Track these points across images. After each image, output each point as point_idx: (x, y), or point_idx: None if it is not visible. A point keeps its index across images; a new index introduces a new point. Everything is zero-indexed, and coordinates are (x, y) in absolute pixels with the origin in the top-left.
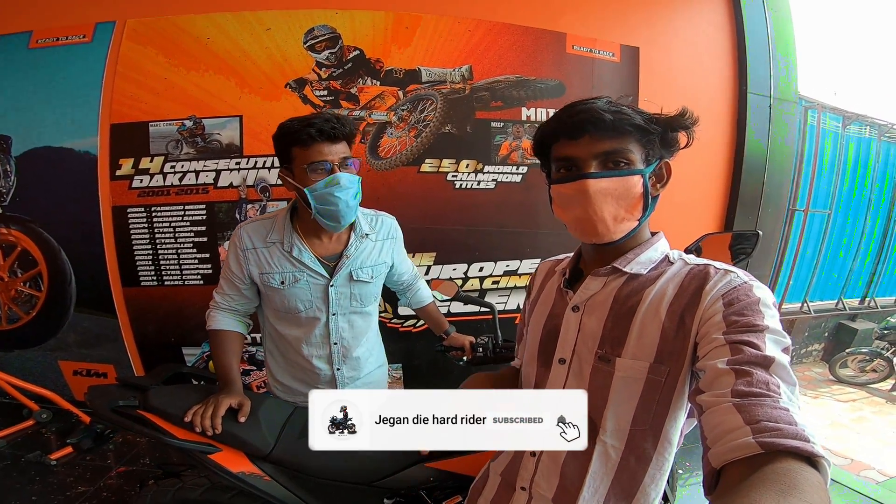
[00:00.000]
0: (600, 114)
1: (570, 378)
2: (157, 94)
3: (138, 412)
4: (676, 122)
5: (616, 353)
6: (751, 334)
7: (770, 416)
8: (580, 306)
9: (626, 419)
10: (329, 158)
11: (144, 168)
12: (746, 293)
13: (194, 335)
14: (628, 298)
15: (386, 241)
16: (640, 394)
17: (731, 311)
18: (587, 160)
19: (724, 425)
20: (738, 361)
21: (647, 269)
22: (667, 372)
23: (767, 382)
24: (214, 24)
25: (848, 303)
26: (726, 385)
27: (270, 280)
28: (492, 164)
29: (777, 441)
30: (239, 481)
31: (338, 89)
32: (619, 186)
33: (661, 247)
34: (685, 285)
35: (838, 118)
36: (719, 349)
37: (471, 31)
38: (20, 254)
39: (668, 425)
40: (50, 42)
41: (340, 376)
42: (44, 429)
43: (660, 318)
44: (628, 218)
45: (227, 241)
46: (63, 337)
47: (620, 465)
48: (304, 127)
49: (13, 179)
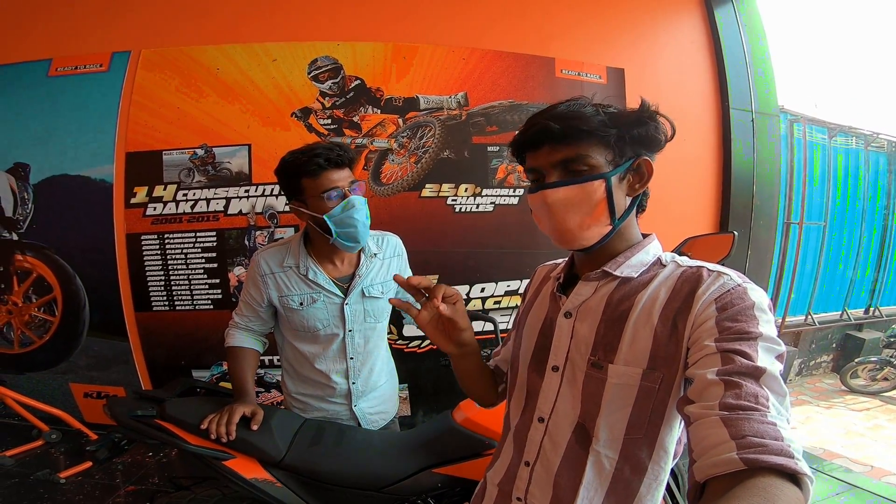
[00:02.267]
0: (548, 124)
1: (564, 386)
2: (171, 122)
3: (156, 421)
4: (635, 117)
5: (608, 360)
6: (743, 342)
7: (756, 432)
8: (573, 312)
9: (620, 428)
10: (339, 184)
11: (158, 196)
12: (741, 296)
13: (204, 358)
14: (620, 303)
15: (393, 259)
16: (634, 401)
17: (723, 315)
18: (548, 170)
19: (709, 439)
20: (728, 372)
21: (638, 273)
22: (660, 378)
23: (757, 395)
24: (224, 55)
25: (853, 313)
26: (715, 397)
27: (290, 302)
28: (490, 188)
29: (760, 458)
30: (252, 488)
31: (341, 118)
32: (578, 194)
33: (652, 249)
34: (678, 288)
35: (823, 130)
36: (710, 357)
37: (465, 59)
38: (35, 280)
39: (663, 433)
40: (69, 70)
41: (355, 389)
42: (52, 449)
43: (652, 323)
44: (594, 224)
45: (237, 267)
46: (75, 360)
47: (615, 476)
48: (311, 158)
49: (31, 207)
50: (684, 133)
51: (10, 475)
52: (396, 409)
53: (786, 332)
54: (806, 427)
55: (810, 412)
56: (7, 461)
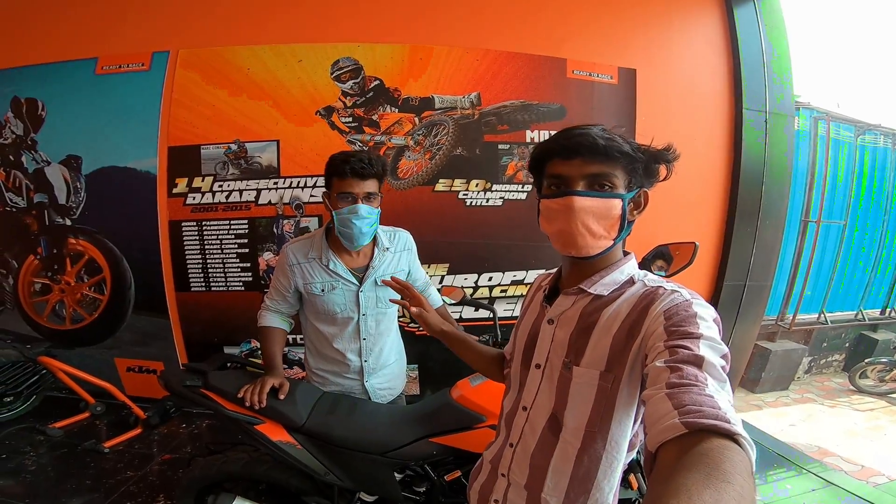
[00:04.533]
0: (594, 139)
1: (544, 381)
2: (207, 118)
3: (202, 390)
4: (660, 154)
5: (576, 362)
6: (686, 340)
7: (694, 401)
8: (554, 320)
9: (582, 421)
10: (355, 191)
11: (197, 187)
12: (685, 308)
13: (235, 336)
14: (590, 315)
15: (403, 252)
16: (594, 399)
17: (670, 323)
18: (576, 179)
19: (657, 413)
20: (673, 360)
21: (609, 291)
22: (612, 378)
23: (696, 375)
24: (254, 55)
25: (868, 313)
26: (662, 380)
27: (313, 288)
28: (499, 183)
29: (698, 420)
30: (277, 449)
31: (361, 116)
32: (602, 206)
33: (627, 269)
34: (636, 305)
35: (850, 128)
36: (660, 354)
37: (479, 60)
38: (87, 262)
39: (613, 428)
40: (114, 69)
41: (367, 367)
42: (98, 420)
43: (611, 333)
44: (605, 236)
45: (266, 252)
46: (120, 336)
47: (576, 461)
48: (343, 163)
49: (83, 195)
50: (695, 132)
51: (60, 445)
52: (403, 387)
53: (797, 329)
54: (807, 424)
55: (814, 410)
56: (56, 432)
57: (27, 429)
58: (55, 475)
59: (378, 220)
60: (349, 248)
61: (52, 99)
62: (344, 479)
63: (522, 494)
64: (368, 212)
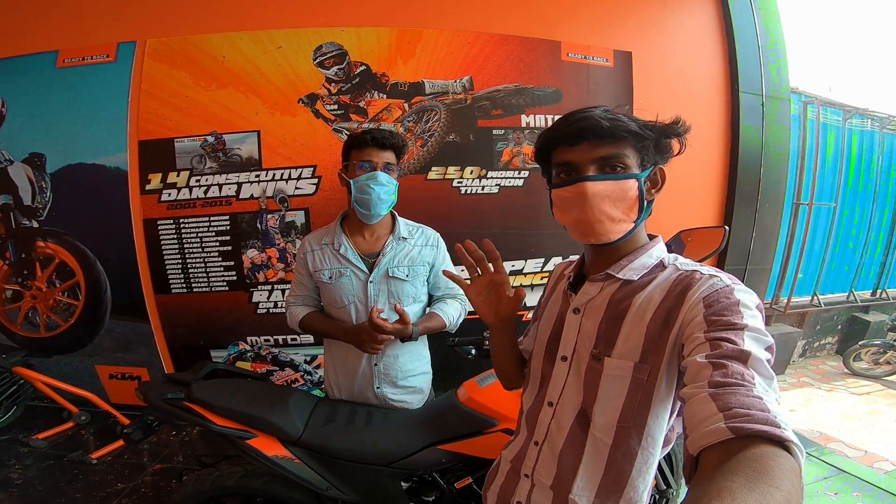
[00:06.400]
0: (598, 121)
1: (571, 374)
2: (181, 110)
3: (185, 403)
4: (669, 129)
5: (606, 353)
6: (730, 332)
7: (742, 404)
8: (580, 308)
9: (614, 415)
10: (374, 160)
11: (172, 182)
12: (727, 295)
13: (221, 338)
14: (620, 303)
15: (425, 248)
16: (627, 392)
17: (710, 311)
18: (585, 165)
19: (699, 414)
20: (716, 355)
21: (639, 276)
22: (648, 371)
23: (742, 374)
24: (229, 43)
25: (860, 295)
26: (704, 377)
27: (321, 276)
28: (495, 170)
29: (746, 426)
30: (273, 464)
31: (347, 103)
32: (616, 189)
33: (655, 252)
34: (671, 290)
35: (839, 112)
36: (700, 346)
37: (470, 43)
38: (58, 265)
39: (650, 422)
40: (76, 62)
41: (377, 371)
42: (83, 430)
43: (645, 322)
44: (624, 220)
45: (250, 249)
46: (100, 342)
47: (609, 459)
48: (363, 135)
49: (49, 195)
50: (692, 116)
51: (46, 457)
52: (420, 405)
53: (791, 312)
54: (806, 409)
55: (811, 395)
56: (40, 444)
57: (10, 440)
58: (43, 488)
59: (396, 193)
60: (366, 219)
61: (11, 95)
62: (348, 493)
63: (548, 495)
64: (387, 179)
